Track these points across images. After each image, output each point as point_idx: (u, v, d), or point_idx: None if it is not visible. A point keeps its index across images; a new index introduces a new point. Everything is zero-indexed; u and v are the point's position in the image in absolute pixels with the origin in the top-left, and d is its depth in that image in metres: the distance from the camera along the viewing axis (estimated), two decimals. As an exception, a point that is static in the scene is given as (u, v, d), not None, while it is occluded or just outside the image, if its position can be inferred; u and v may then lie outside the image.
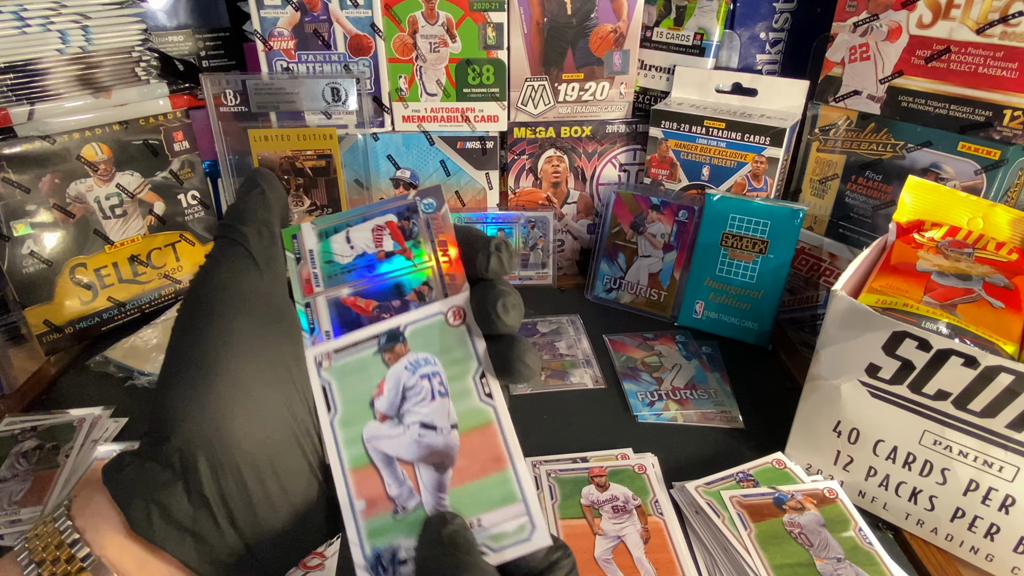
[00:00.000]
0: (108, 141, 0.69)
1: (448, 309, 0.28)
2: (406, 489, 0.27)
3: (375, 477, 0.26)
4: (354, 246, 0.28)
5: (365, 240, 0.28)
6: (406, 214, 0.29)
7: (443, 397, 0.28)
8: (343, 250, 0.28)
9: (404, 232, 0.28)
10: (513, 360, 0.26)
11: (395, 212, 0.29)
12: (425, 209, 0.28)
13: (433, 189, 0.29)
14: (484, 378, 0.28)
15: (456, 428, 0.27)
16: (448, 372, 0.28)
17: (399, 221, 0.29)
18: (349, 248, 0.28)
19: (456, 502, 0.26)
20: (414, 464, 0.27)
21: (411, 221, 0.29)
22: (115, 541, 0.23)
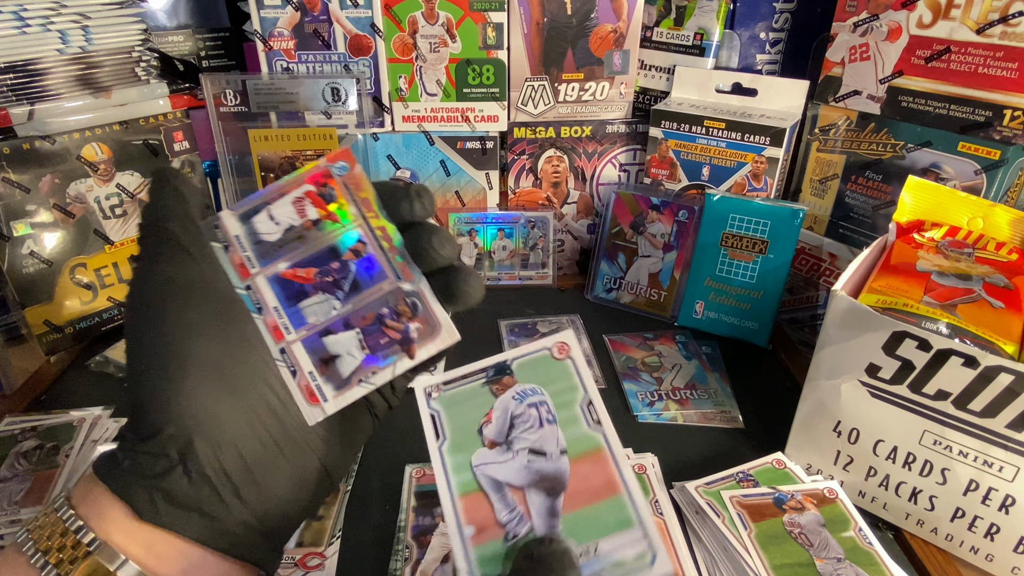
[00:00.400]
0: (108, 141, 0.69)
1: (553, 344, 0.30)
2: (517, 515, 0.27)
3: (484, 503, 0.26)
4: (279, 222, 0.29)
5: (288, 214, 0.29)
6: (321, 180, 0.30)
7: (551, 424, 0.28)
8: (268, 228, 0.29)
9: (324, 198, 0.29)
10: (458, 285, 0.29)
11: (311, 182, 0.30)
12: (339, 172, 0.29)
13: (342, 152, 0.30)
14: (591, 405, 0.29)
15: (566, 454, 0.28)
16: (555, 401, 0.29)
17: (316, 189, 0.29)
18: (275, 225, 0.29)
19: (569, 528, 0.26)
20: (524, 489, 0.27)
21: (326, 187, 0.29)
22: (120, 527, 0.24)
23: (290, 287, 0.28)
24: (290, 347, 0.28)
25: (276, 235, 0.29)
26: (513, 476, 0.27)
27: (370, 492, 0.52)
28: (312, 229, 0.29)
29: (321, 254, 0.29)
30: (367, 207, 0.29)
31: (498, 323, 0.75)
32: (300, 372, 0.27)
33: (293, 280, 0.28)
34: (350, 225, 0.29)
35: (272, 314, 0.28)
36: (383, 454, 0.55)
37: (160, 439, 0.24)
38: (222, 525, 0.25)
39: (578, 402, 0.29)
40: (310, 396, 0.27)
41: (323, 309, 0.28)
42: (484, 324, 0.75)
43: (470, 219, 0.83)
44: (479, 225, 0.83)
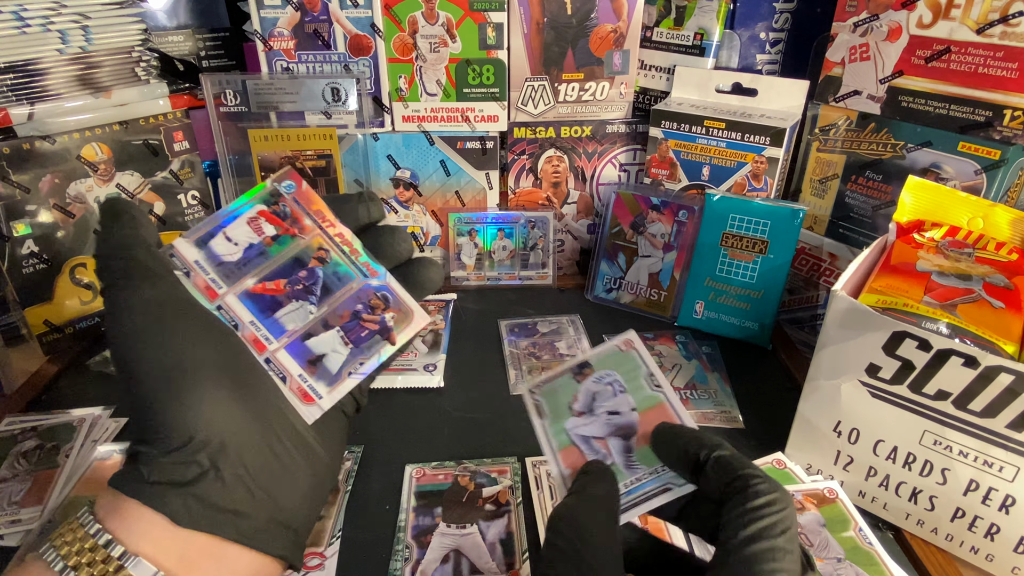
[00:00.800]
0: (108, 141, 0.69)
1: (620, 342, 0.38)
2: (601, 456, 0.35)
3: (576, 452, 0.35)
4: (237, 242, 0.31)
5: (246, 234, 0.31)
6: (272, 200, 0.31)
7: (623, 393, 0.37)
8: (228, 249, 0.31)
9: (279, 215, 0.31)
10: (420, 274, 0.34)
11: (261, 202, 0.31)
12: (287, 191, 0.32)
13: (285, 172, 0.32)
14: (652, 376, 0.38)
15: (635, 410, 0.36)
16: (624, 377, 0.37)
17: (269, 208, 0.31)
18: (233, 246, 0.31)
19: (641, 458, 0.35)
20: (606, 439, 0.36)
21: (279, 204, 0.31)
22: (150, 538, 0.24)
23: (262, 300, 0.30)
24: (275, 356, 0.30)
25: (237, 255, 0.30)
26: (597, 431, 0.36)
27: (370, 492, 0.52)
28: (273, 244, 0.31)
29: (286, 266, 0.31)
30: (322, 218, 0.32)
31: (498, 323, 0.75)
32: (290, 377, 0.30)
33: (264, 294, 0.30)
34: (309, 237, 0.31)
35: (249, 328, 0.30)
36: (383, 454, 0.55)
37: (190, 447, 0.25)
38: (256, 523, 0.26)
39: (642, 376, 0.38)
40: (304, 397, 0.30)
41: (300, 315, 0.30)
42: (484, 324, 0.75)
43: (470, 219, 0.83)
44: (479, 225, 0.83)
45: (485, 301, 0.81)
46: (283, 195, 0.31)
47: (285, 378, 0.29)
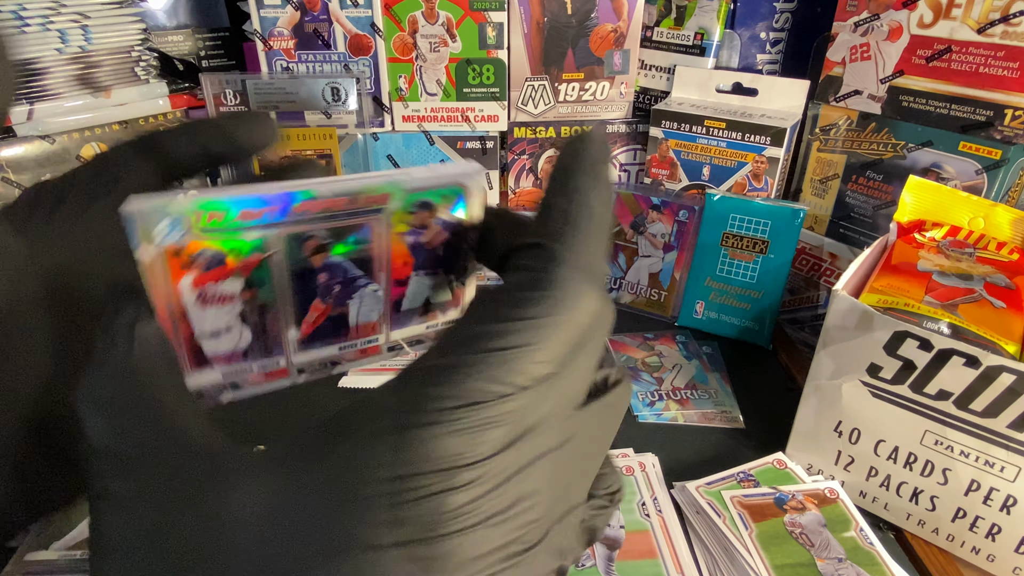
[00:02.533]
0: (108, 141, 0.69)
1: (622, 466, 0.44)
2: (584, 554, 0.40)
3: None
4: (222, 329, 0.22)
5: (218, 317, 0.22)
6: (187, 260, 0.21)
7: (615, 510, 0.38)
8: (227, 344, 0.23)
9: (213, 264, 0.22)
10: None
11: (175, 273, 0.21)
12: (174, 233, 0.20)
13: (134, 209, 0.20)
14: (643, 505, 0.46)
15: (623, 528, 0.44)
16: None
17: (195, 274, 0.21)
18: (227, 334, 0.22)
19: (620, 571, 0.42)
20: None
21: (194, 259, 0.21)
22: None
23: (329, 326, 0.23)
24: (389, 340, 0.25)
25: (243, 340, 0.22)
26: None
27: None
28: (257, 291, 0.21)
29: (299, 289, 0.22)
30: (253, 213, 0.22)
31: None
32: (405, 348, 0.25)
33: (316, 328, 0.23)
34: (266, 260, 0.22)
35: (350, 352, 0.24)
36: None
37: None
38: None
39: (635, 502, 0.46)
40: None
41: (374, 301, 0.24)
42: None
43: (470, 219, 0.83)
44: (479, 225, 0.83)
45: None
46: (178, 244, 0.19)
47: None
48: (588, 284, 0.17)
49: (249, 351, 0.22)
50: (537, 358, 0.16)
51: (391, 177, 0.21)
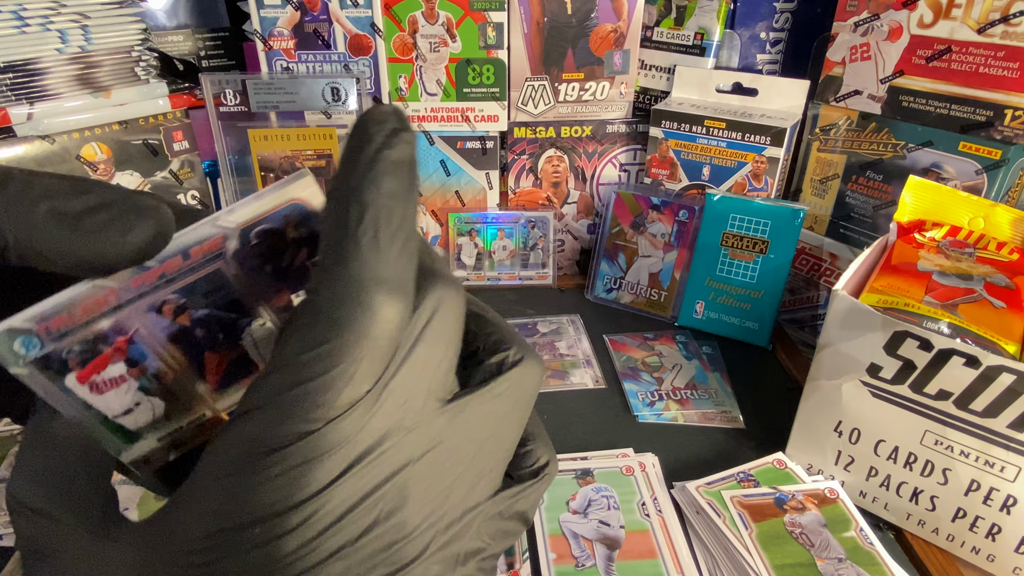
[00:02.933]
0: (108, 141, 0.69)
1: (623, 466, 0.51)
2: (585, 554, 0.43)
3: (564, 542, 0.43)
4: (124, 409, 0.22)
5: (113, 401, 0.22)
6: (55, 367, 0.20)
7: (615, 510, 0.47)
8: (141, 419, 0.22)
9: (86, 359, 0.21)
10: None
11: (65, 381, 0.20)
12: (32, 348, 0.19)
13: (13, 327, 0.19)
14: (643, 505, 0.48)
15: (624, 528, 0.46)
16: (620, 497, 0.48)
17: (78, 366, 0.21)
18: (134, 412, 0.22)
19: (621, 571, 0.43)
20: (592, 542, 0.45)
21: (63, 359, 0.20)
22: None
23: (237, 367, 0.23)
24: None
25: (158, 408, 0.21)
26: (586, 532, 0.45)
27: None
28: (143, 368, 0.21)
29: (180, 349, 0.22)
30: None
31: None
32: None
33: (225, 369, 0.23)
34: (133, 337, 0.21)
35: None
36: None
37: None
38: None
39: (635, 502, 0.48)
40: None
41: (266, 333, 0.23)
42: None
43: (470, 219, 0.83)
44: (479, 225, 0.83)
45: (485, 301, 0.80)
46: (51, 350, 0.19)
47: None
48: (376, 292, 0.15)
49: (170, 414, 0.22)
50: (338, 384, 0.15)
51: (216, 220, 0.20)
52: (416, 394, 0.17)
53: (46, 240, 0.16)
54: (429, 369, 0.17)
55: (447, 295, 0.17)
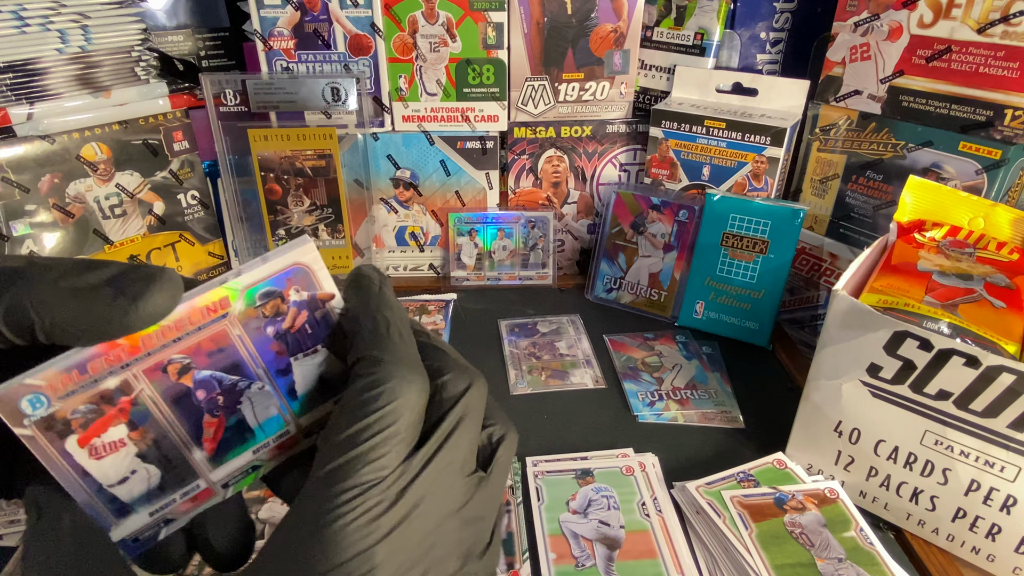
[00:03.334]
0: (108, 141, 0.69)
1: (623, 466, 0.51)
2: (585, 554, 0.44)
3: (564, 542, 0.43)
4: (127, 474, 0.22)
5: (112, 466, 0.22)
6: (58, 428, 0.21)
7: (615, 510, 0.47)
8: (136, 487, 0.23)
9: (87, 422, 0.21)
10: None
11: (58, 437, 0.21)
12: (37, 408, 0.20)
13: (12, 390, 0.19)
14: (643, 505, 0.48)
15: (624, 528, 0.46)
16: (620, 497, 0.48)
17: (78, 425, 0.21)
18: (125, 474, 0.22)
19: (620, 571, 0.43)
20: (592, 542, 0.45)
21: (65, 423, 0.21)
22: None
23: (234, 435, 0.23)
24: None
25: (153, 477, 0.22)
26: (586, 532, 0.45)
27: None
28: (144, 432, 0.22)
29: (180, 413, 0.22)
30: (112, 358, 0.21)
31: (498, 323, 0.75)
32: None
33: (222, 436, 0.23)
34: (138, 398, 0.21)
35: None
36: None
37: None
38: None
39: (635, 501, 0.48)
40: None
41: (264, 397, 0.24)
42: (484, 324, 0.75)
43: (470, 219, 0.83)
44: (479, 225, 0.83)
45: (485, 301, 0.81)
46: (56, 410, 0.20)
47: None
48: (407, 370, 0.21)
49: (164, 485, 0.22)
50: (391, 444, 0.20)
51: (224, 281, 0.22)
52: (452, 468, 0.21)
53: (68, 313, 0.18)
54: (461, 448, 0.22)
55: (475, 389, 0.23)
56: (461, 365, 0.23)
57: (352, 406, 0.20)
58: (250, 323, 0.22)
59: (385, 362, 0.21)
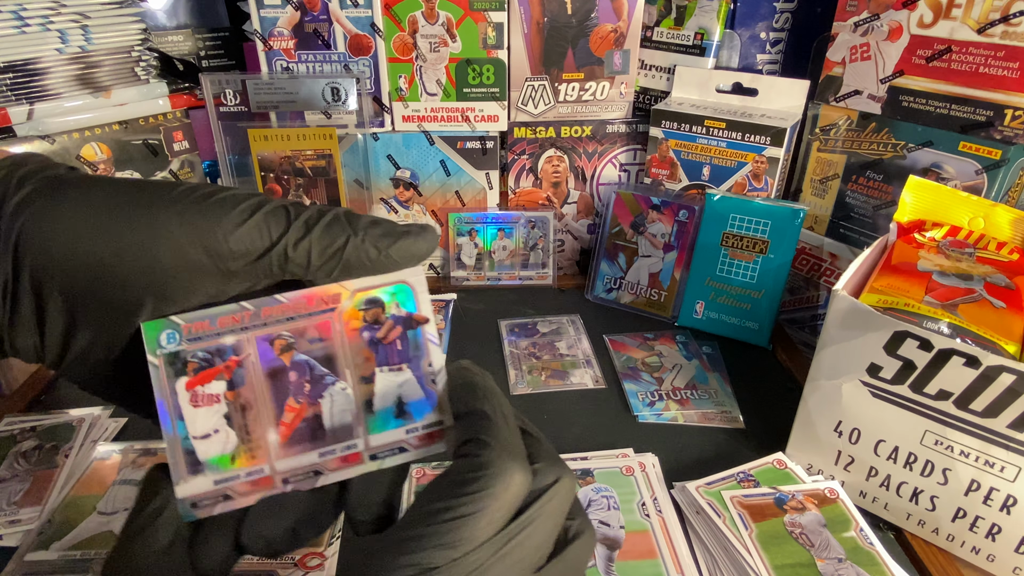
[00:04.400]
0: (108, 141, 0.69)
1: (623, 467, 0.50)
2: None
3: None
4: (212, 431, 0.24)
5: (205, 417, 0.24)
6: (179, 366, 0.24)
7: (615, 510, 0.47)
8: (219, 445, 0.24)
9: (203, 367, 0.24)
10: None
11: (174, 377, 0.24)
12: (173, 341, 0.24)
13: (160, 325, 0.23)
14: (643, 505, 0.48)
15: (623, 528, 0.45)
16: (620, 497, 0.47)
17: (189, 374, 0.24)
18: (215, 435, 0.24)
19: (620, 571, 0.43)
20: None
21: (191, 359, 0.24)
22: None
23: (301, 434, 0.24)
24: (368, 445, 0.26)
25: (230, 443, 0.24)
26: None
27: (370, 492, 0.51)
28: (238, 394, 0.24)
29: (271, 388, 0.24)
30: (233, 320, 0.24)
31: (498, 323, 0.75)
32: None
33: (296, 428, 0.24)
34: (244, 361, 0.24)
35: (334, 455, 0.25)
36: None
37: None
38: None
39: (635, 502, 0.48)
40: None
41: (345, 400, 0.25)
42: (484, 324, 0.75)
43: (470, 219, 0.83)
44: (479, 225, 0.83)
45: (485, 301, 0.81)
46: (181, 350, 0.23)
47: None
48: (512, 459, 0.22)
49: (235, 455, 0.24)
50: (481, 523, 0.20)
51: (339, 280, 0.24)
52: (527, 551, 0.22)
53: (378, 250, 0.24)
54: (540, 534, 0.22)
55: (563, 483, 0.23)
56: (553, 456, 0.24)
57: (450, 482, 0.21)
58: (350, 323, 0.24)
59: (491, 447, 0.22)
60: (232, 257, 0.23)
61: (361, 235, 0.23)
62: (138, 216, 0.22)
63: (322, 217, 0.23)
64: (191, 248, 0.22)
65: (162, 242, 0.22)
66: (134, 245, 0.22)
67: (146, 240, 0.22)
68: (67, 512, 0.49)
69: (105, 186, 0.23)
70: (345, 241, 0.23)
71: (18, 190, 0.22)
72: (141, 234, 0.22)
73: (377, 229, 0.24)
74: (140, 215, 0.22)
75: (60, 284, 0.22)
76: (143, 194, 0.22)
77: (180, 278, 0.23)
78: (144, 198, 0.22)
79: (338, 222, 0.23)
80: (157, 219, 0.22)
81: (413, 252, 0.24)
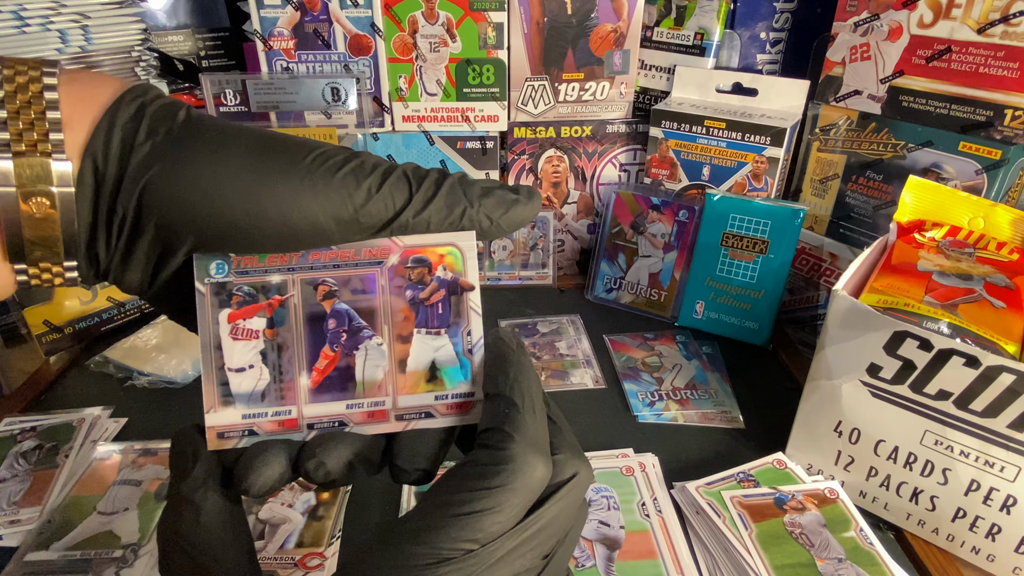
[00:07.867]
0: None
1: (623, 467, 0.50)
2: (585, 555, 0.44)
3: None
4: (247, 365, 0.25)
5: (243, 351, 0.25)
6: (225, 298, 0.25)
7: (615, 510, 0.47)
8: (250, 381, 0.25)
9: (247, 302, 0.25)
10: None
11: (219, 309, 0.25)
12: (222, 272, 0.24)
13: (208, 259, 0.24)
14: (643, 505, 0.48)
15: (623, 528, 0.45)
16: (620, 497, 0.47)
17: (233, 306, 0.25)
18: (249, 370, 0.25)
19: (620, 571, 0.43)
20: (592, 542, 0.45)
21: (238, 292, 0.25)
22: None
23: (337, 378, 0.25)
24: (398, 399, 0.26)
25: (263, 380, 0.24)
26: (585, 532, 0.43)
27: (370, 492, 0.52)
28: (276, 333, 0.24)
29: (308, 332, 0.25)
30: (281, 259, 0.25)
31: (498, 323, 0.75)
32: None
33: (327, 377, 0.25)
34: (290, 288, 0.24)
35: (361, 409, 0.25)
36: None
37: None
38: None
39: (635, 502, 0.48)
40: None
41: (379, 356, 0.25)
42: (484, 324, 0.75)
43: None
44: (479, 225, 0.83)
45: (485, 301, 0.80)
46: (228, 282, 0.24)
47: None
48: (535, 454, 0.22)
49: (266, 393, 0.24)
50: (499, 518, 0.21)
51: (391, 234, 0.24)
52: (533, 554, 0.22)
53: (491, 221, 0.24)
54: (550, 535, 0.22)
55: (580, 478, 0.24)
56: (574, 447, 0.24)
57: (471, 474, 0.21)
58: (395, 279, 0.24)
59: (516, 441, 0.22)
60: (359, 228, 0.23)
61: (477, 206, 0.24)
62: (272, 183, 0.22)
63: (439, 187, 0.24)
64: (322, 217, 0.23)
65: (295, 211, 0.22)
66: (269, 210, 0.22)
67: (282, 206, 0.22)
68: (67, 512, 0.49)
69: (238, 145, 0.23)
70: (462, 212, 0.24)
71: (149, 137, 0.22)
72: (276, 202, 0.22)
73: (490, 199, 0.24)
74: (276, 182, 0.22)
75: (185, 239, 0.23)
76: (277, 159, 0.23)
77: (305, 241, 0.23)
78: (279, 163, 0.23)
79: (455, 192, 0.24)
80: (291, 189, 0.22)
81: (521, 220, 0.25)
